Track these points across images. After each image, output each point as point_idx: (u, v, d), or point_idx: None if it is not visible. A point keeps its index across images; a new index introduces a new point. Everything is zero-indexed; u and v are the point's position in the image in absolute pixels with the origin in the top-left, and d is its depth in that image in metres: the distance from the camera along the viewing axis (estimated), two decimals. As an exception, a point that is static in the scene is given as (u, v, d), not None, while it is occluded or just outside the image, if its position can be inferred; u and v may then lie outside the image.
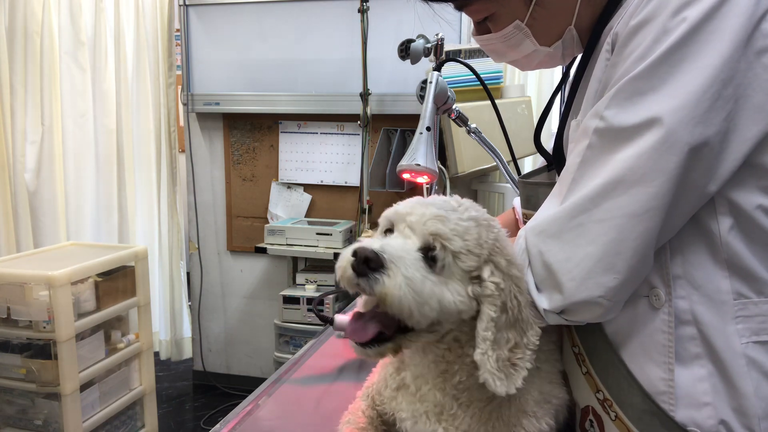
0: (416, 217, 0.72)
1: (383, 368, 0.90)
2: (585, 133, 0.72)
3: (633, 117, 0.67)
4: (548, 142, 3.07)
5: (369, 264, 0.67)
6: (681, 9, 0.65)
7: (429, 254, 0.71)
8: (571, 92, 0.84)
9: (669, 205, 0.66)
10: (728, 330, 0.70)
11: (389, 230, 0.77)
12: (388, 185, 2.79)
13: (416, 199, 0.77)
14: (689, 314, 0.71)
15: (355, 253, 0.68)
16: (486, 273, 0.72)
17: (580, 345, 0.81)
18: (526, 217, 0.93)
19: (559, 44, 0.86)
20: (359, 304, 0.82)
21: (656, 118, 0.65)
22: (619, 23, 0.74)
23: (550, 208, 0.74)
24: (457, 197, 0.78)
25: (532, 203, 0.92)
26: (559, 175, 0.96)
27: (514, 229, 1.06)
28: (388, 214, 0.77)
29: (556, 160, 0.90)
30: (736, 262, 0.70)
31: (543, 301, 0.73)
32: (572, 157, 0.74)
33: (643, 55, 0.67)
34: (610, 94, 0.69)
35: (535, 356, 0.73)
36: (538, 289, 0.73)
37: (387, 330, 0.73)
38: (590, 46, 0.81)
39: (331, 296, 2.94)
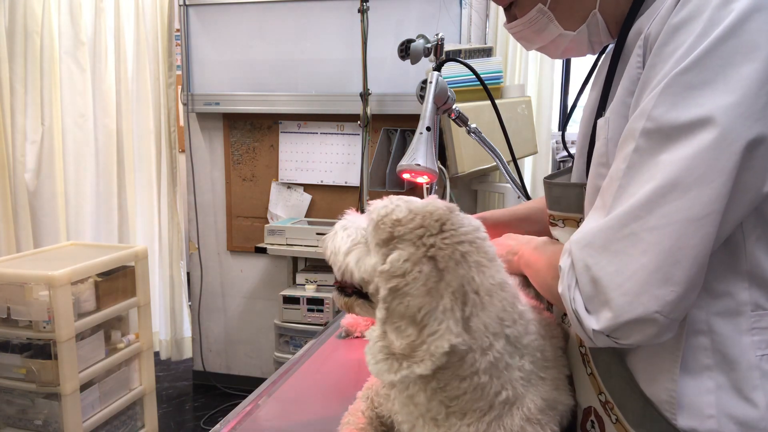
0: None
1: None
2: (630, 135, 0.67)
3: (686, 114, 0.63)
4: (548, 141, 3.05)
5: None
6: (728, 1, 0.63)
7: None
8: (603, 91, 0.81)
9: (730, 208, 0.62)
10: (743, 342, 0.68)
11: None
12: (388, 185, 2.79)
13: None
14: (704, 324, 0.69)
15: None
16: (393, 255, 0.75)
17: (587, 346, 0.80)
18: (553, 218, 0.91)
19: (583, 29, 0.84)
20: None
21: (711, 114, 0.61)
22: (653, 22, 0.70)
23: (596, 219, 0.70)
24: (445, 202, 0.79)
25: (563, 205, 0.88)
26: (573, 175, 0.94)
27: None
28: None
29: (587, 160, 0.86)
30: (758, 273, 0.68)
31: (592, 322, 0.66)
32: (616, 162, 0.69)
33: (690, 49, 0.63)
34: (656, 92, 0.65)
35: (433, 365, 0.70)
36: (587, 309, 0.67)
37: (348, 290, 0.86)
38: (620, 41, 0.79)
39: (331, 297, 2.94)
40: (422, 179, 1.34)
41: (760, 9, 0.62)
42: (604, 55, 0.90)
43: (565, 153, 1.04)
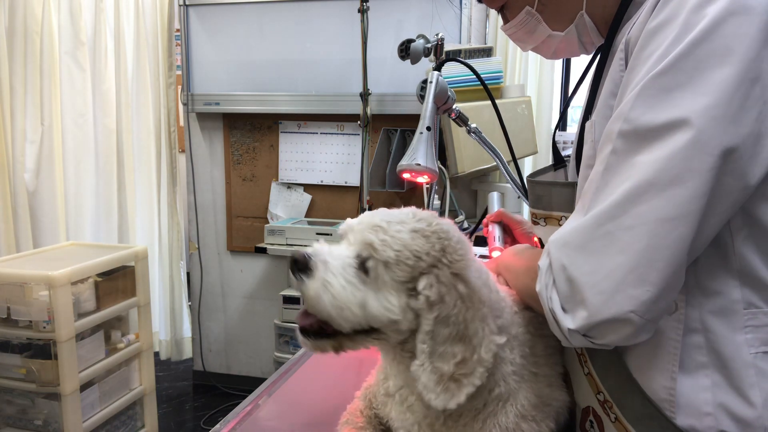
0: (360, 226, 0.75)
1: (378, 371, 0.90)
2: (608, 138, 0.69)
3: (661, 115, 0.63)
4: (548, 141, 3.06)
5: (297, 266, 0.72)
6: (702, 6, 0.63)
7: (363, 263, 0.72)
8: (590, 93, 0.82)
9: (704, 209, 0.62)
10: (737, 340, 0.68)
11: None
12: (388, 185, 2.79)
13: (376, 211, 0.78)
14: (699, 323, 0.69)
15: (292, 256, 0.73)
16: (421, 285, 0.71)
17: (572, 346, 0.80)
18: (535, 217, 0.92)
19: (572, 29, 0.86)
20: None
21: (686, 116, 0.62)
22: (634, 26, 0.72)
23: (575, 220, 0.71)
24: (415, 209, 0.78)
25: (544, 203, 0.89)
26: (567, 176, 0.95)
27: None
28: (343, 224, 0.79)
29: (576, 162, 0.87)
30: (748, 271, 0.69)
31: (567, 321, 0.67)
32: (595, 165, 0.70)
33: (666, 52, 0.64)
34: (633, 94, 0.66)
35: (487, 373, 0.70)
36: (563, 308, 0.68)
37: (327, 326, 0.74)
38: (607, 43, 0.80)
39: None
40: (422, 179, 1.33)
41: (734, 13, 0.62)
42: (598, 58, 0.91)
43: (567, 152, 1.04)
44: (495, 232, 1.12)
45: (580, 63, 3.20)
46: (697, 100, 0.62)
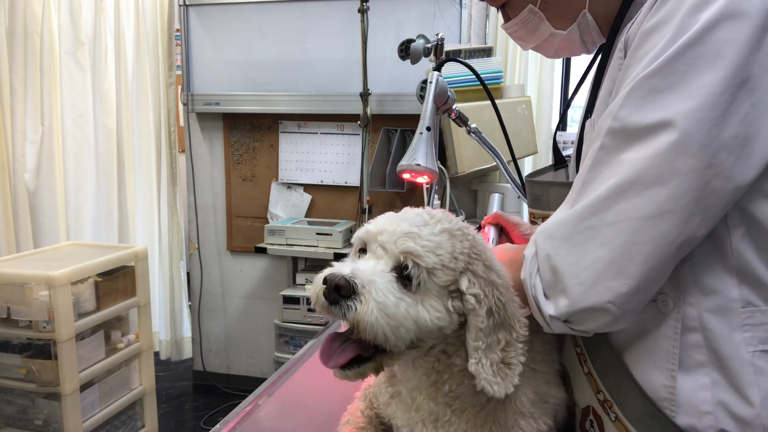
0: (387, 235, 0.72)
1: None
2: (598, 134, 0.71)
3: (648, 116, 0.65)
4: (548, 141, 3.06)
5: (340, 291, 0.66)
6: (697, 10, 0.64)
7: (403, 273, 0.70)
8: (591, 92, 0.83)
9: (688, 209, 0.64)
10: (735, 338, 0.69)
11: (363, 250, 0.76)
12: (388, 185, 2.79)
13: (388, 215, 0.76)
14: (697, 321, 0.70)
15: (325, 281, 0.68)
16: (464, 284, 0.71)
17: (583, 345, 0.81)
18: (533, 216, 0.92)
19: (574, 28, 0.86)
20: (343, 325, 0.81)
21: (671, 118, 0.63)
22: (632, 26, 0.73)
23: (561, 212, 0.73)
24: (429, 209, 0.77)
25: (542, 203, 0.91)
26: (568, 176, 0.96)
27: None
28: (360, 234, 0.76)
29: (576, 162, 0.88)
30: (746, 269, 0.69)
31: (549, 308, 0.70)
32: (585, 160, 0.73)
33: (659, 53, 0.66)
34: (624, 93, 0.68)
35: (527, 347, 0.73)
36: (545, 295, 0.71)
37: (365, 351, 0.72)
38: (609, 43, 0.81)
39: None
40: (422, 179, 1.33)
41: (727, 18, 0.63)
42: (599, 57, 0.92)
43: (568, 152, 1.06)
44: (490, 233, 1.13)
45: (580, 63, 3.21)
46: (684, 103, 0.63)
